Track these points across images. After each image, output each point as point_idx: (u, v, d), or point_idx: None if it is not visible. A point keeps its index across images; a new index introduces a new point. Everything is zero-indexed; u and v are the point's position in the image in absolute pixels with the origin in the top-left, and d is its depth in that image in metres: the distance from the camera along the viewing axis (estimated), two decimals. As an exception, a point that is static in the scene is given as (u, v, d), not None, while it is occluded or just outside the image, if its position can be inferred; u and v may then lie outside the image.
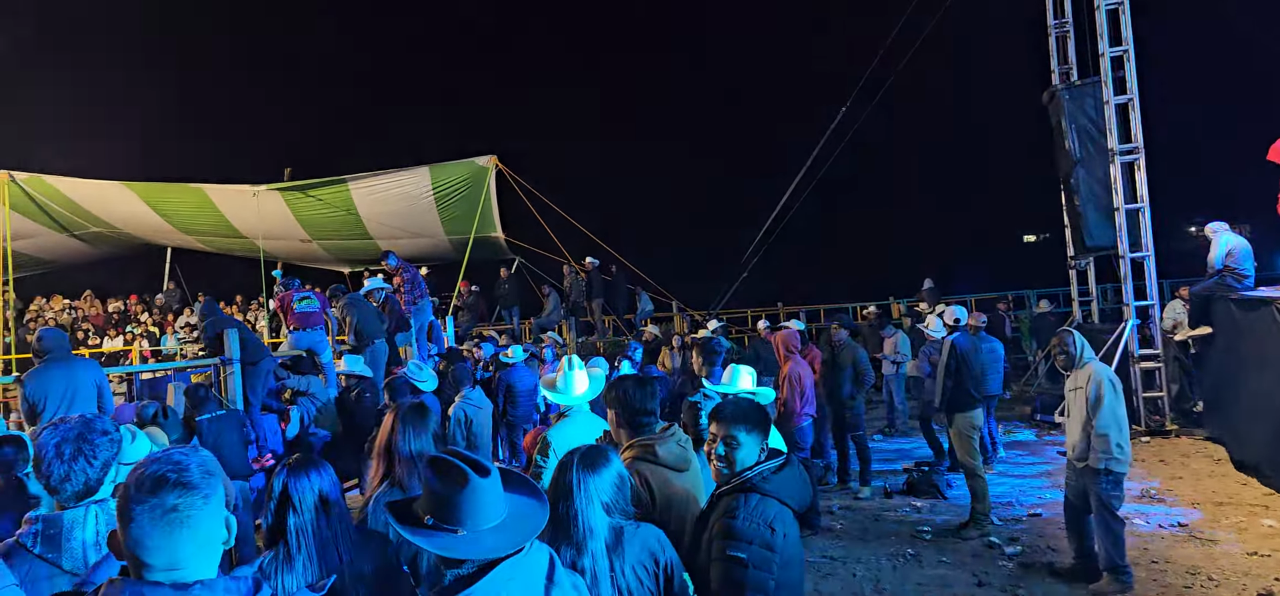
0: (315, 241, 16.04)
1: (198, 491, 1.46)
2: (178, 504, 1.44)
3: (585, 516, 2.39)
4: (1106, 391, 5.15)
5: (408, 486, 3.27)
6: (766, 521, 2.57)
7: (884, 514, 7.45)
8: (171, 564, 1.43)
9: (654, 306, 15.95)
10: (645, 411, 3.38)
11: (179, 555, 1.44)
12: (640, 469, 3.14)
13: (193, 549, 1.45)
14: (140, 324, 16.86)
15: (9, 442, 4.27)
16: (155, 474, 1.46)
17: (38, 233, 14.98)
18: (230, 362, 7.10)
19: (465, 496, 1.86)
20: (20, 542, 2.27)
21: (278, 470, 2.58)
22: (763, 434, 2.79)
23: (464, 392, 6.63)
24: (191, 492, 1.45)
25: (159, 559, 1.43)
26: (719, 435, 2.80)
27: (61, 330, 6.58)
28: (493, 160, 12.75)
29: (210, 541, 1.49)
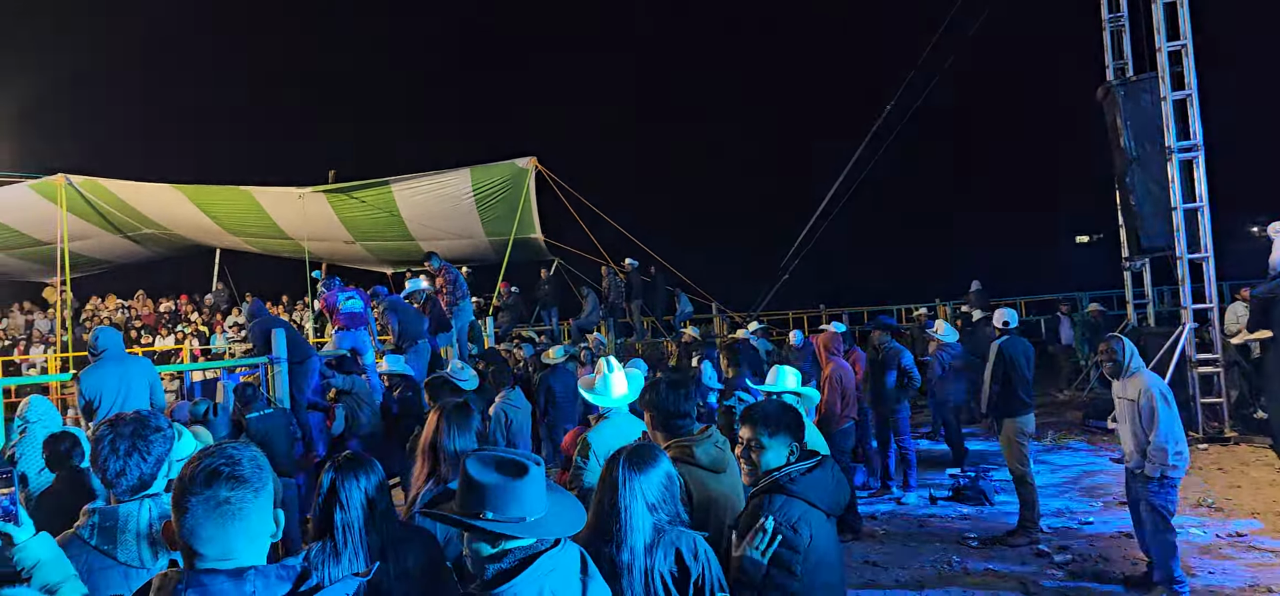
0: (359, 242, 16.26)
1: (249, 485, 1.53)
2: (230, 496, 1.50)
3: (630, 512, 2.40)
4: (1160, 405, 5.02)
5: (452, 484, 3.30)
6: (790, 522, 2.56)
7: (929, 520, 7.31)
8: (224, 554, 1.49)
9: (693, 308, 15.87)
10: (680, 413, 3.39)
11: (231, 545, 1.50)
12: (681, 470, 3.09)
13: (244, 540, 1.51)
14: (190, 323, 17.25)
15: (66, 439, 4.39)
16: (209, 467, 1.53)
17: (93, 234, 15.42)
18: (277, 361, 7.21)
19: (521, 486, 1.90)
20: (78, 534, 2.32)
21: (326, 467, 2.62)
22: (790, 435, 2.77)
23: (504, 393, 6.66)
24: (243, 486, 1.52)
25: (212, 549, 1.49)
26: (745, 438, 2.82)
27: (116, 329, 6.74)
28: (532, 162, 12.78)
29: (260, 533, 1.55)
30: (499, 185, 13.26)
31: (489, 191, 13.44)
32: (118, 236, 16.01)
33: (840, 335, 8.13)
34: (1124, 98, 11.00)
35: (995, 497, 7.66)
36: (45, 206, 13.52)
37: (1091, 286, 17.47)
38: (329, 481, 2.57)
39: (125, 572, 2.29)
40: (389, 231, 15.42)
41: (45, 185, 12.94)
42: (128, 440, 2.34)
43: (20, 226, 14.67)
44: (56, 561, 2.13)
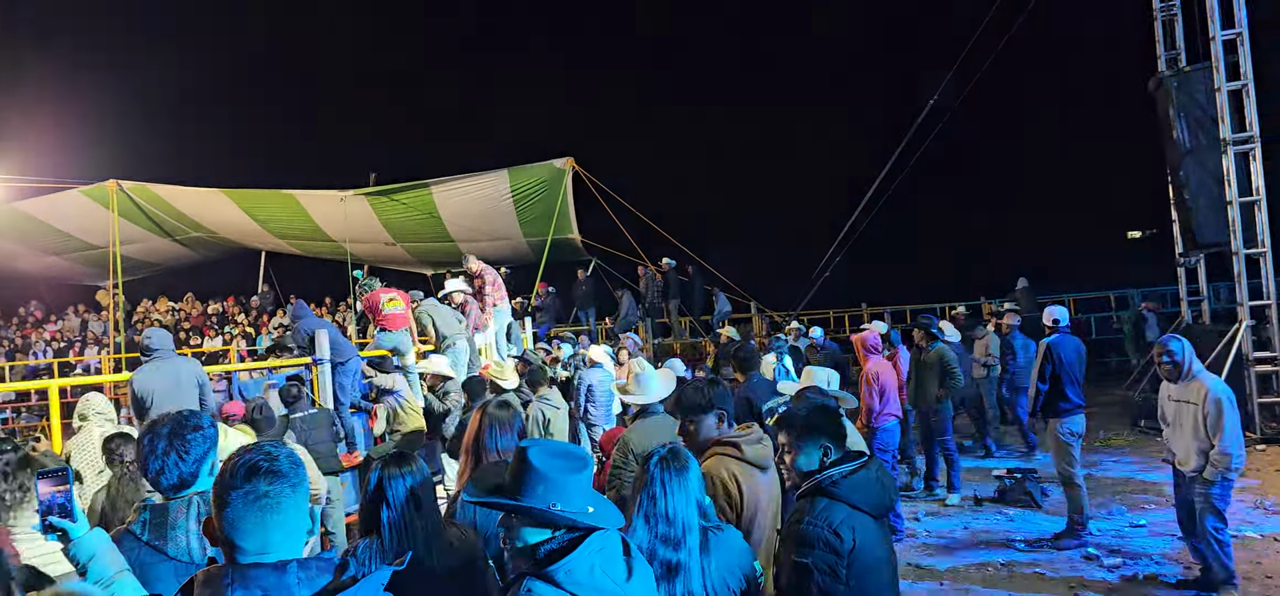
0: (399, 244, 16.47)
1: (286, 480, 1.58)
2: (268, 491, 1.55)
3: (683, 514, 2.44)
4: (1226, 410, 4.87)
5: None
6: (831, 526, 2.51)
7: (973, 522, 7.18)
8: (262, 547, 1.55)
9: (732, 307, 15.77)
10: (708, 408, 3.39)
11: (269, 539, 1.55)
12: (730, 467, 3.15)
13: (281, 534, 1.56)
14: (237, 325, 17.62)
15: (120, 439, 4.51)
16: (248, 463, 1.58)
17: (144, 238, 15.85)
18: (321, 362, 7.32)
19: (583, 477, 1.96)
20: (130, 530, 2.38)
21: (373, 464, 2.67)
22: (823, 437, 2.71)
23: (541, 393, 6.70)
24: (281, 481, 1.57)
25: (251, 542, 1.54)
26: (781, 442, 2.80)
27: (166, 330, 6.91)
28: (569, 162, 12.83)
29: (297, 528, 1.60)
30: (536, 186, 13.34)
31: (527, 192, 13.52)
32: (167, 240, 16.45)
33: (880, 334, 8.04)
34: (1177, 89, 10.68)
35: (1042, 499, 7.49)
36: (97, 212, 13.93)
37: (1144, 283, 17.01)
38: (376, 478, 2.62)
39: (175, 567, 2.34)
40: (428, 233, 15.60)
41: (97, 191, 13.33)
42: (165, 440, 2.39)
43: (74, 231, 15.14)
44: (110, 556, 2.18)
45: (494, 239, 15.53)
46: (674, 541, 2.40)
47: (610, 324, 16.21)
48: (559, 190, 13.17)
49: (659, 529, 2.41)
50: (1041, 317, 7.04)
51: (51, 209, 14.13)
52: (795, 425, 2.75)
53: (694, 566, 2.41)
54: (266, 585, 1.49)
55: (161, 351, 5.95)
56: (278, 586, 1.50)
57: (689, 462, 2.53)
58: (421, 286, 18.32)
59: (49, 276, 18.55)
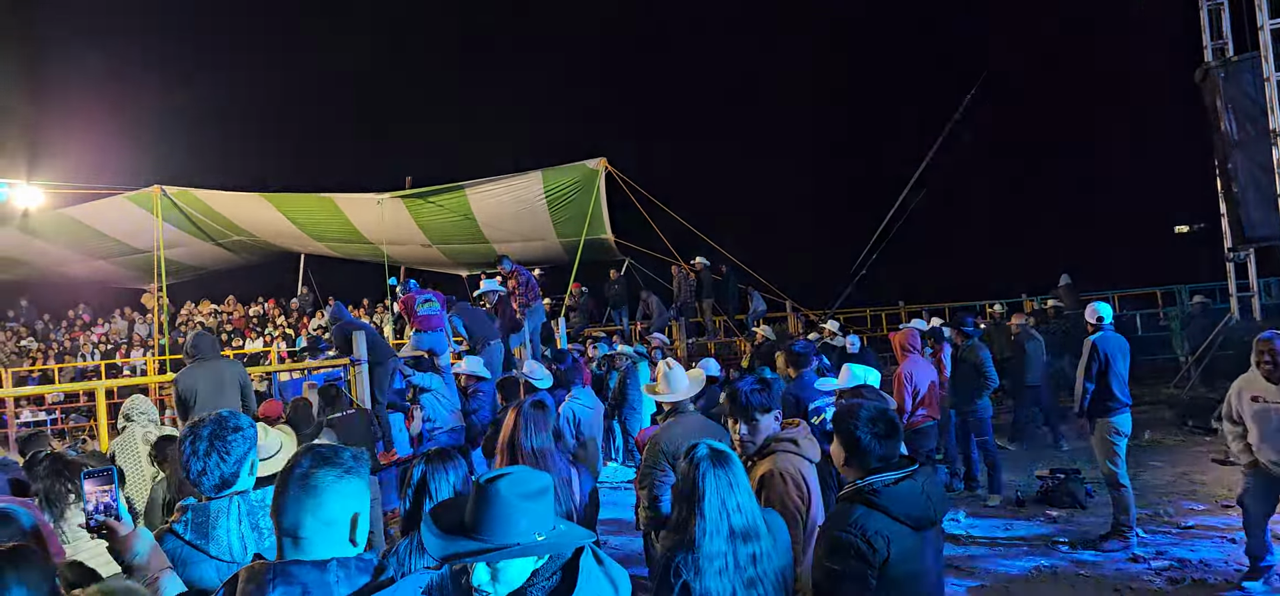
0: (435, 246, 16.62)
1: (340, 478, 1.62)
2: (321, 487, 1.60)
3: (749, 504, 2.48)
4: None
5: None
6: (865, 535, 2.47)
7: (1015, 523, 7.05)
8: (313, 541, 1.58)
9: (767, 306, 15.66)
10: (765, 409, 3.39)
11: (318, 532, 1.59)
12: (795, 462, 3.20)
13: (333, 529, 1.60)
14: (278, 326, 17.92)
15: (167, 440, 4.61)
16: (309, 460, 1.65)
17: (187, 241, 16.19)
18: (359, 363, 7.41)
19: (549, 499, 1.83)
20: (173, 529, 2.42)
21: (417, 462, 2.70)
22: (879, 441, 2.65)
23: (573, 392, 6.72)
24: (335, 479, 1.62)
25: (304, 534, 1.59)
26: (834, 441, 2.76)
27: (211, 332, 7.05)
28: (602, 163, 12.82)
29: (348, 523, 1.63)
30: (570, 187, 13.37)
31: (560, 193, 13.55)
32: (209, 244, 16.78)
33: (920, 333, 7.92)
34: (1224, 79, 10.41)
35: (1086, 500, 7.33)
36: (142, 216, 14.26)
37: (1192, 279, 16.56)
38: (419, 475, 2.65)
39: (217, 566, 2.37)
40: (464, 234, 15.72)
41: (142, 196, 13.64)
42: (206, 441, 2.42)
43: (120, 236, 15.51)
44: (154, 554, 2.22)
45: (528, 240, 15.60)
46: (754, 533, 2.44)
47: (643, 325, 16.20)
48: (592, 190, 13.18)
49: (737, 522, 2.43)
50: (1084, 314, 6.88)
51: (98, 214, 14.48)
52: (848, 425, 2.70)
53: (770, 552, 2.45)
54: (307, 581, 1.52)
55: (205, 353, 6.08)
56: (318, 583, 1.52)
57: (733, 456, 2.55)
58: (456, 287, 18.53)
59: (96, 280, 19.03)
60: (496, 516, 1.72)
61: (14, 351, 17.29)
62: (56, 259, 16.82)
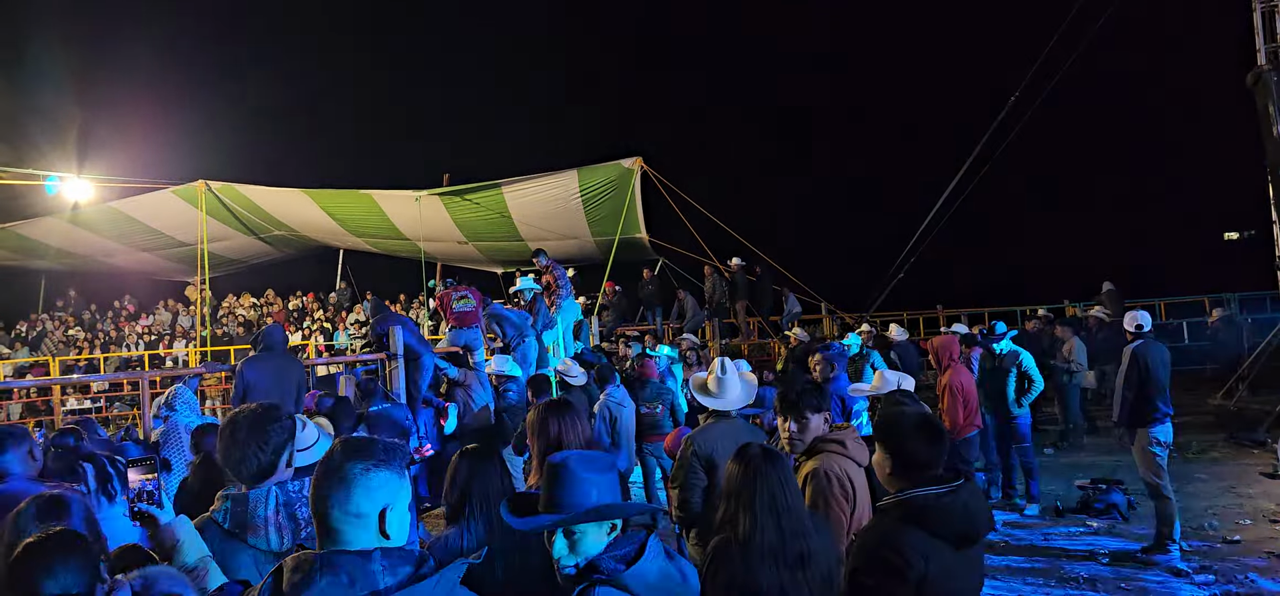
0: (471, 243, 16.76)
1: (378, 469, 1.64)
2: (360, 478, 1.62)
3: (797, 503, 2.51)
4: None
5: None
6: (901, 551, 2.37)
7: (1053, 533, 6.92)
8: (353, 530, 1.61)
9: (802, 308, 15.53)
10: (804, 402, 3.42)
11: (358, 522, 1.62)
12: (842, 463, 3.20)
13: (372, 520, 1.62)
14: (315, 320, 18.19)
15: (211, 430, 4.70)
16: (345, 451, 1.67)
17: (229, 235, 16.50)
18: (395, 358, 7.50)
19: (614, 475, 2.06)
20: (213, 518, 2.46)
21: (458, 457, 2.77)
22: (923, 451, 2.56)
23: (608, 390, 6.74)
24: (372, 470, 1.64)
25: (343, 525, 1.61)
26: (876, 450, 2.67)
27: (282, 328, 7.21)
28: (637, 162, 12.81)
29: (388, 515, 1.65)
30: (605, 185, 13.38)
31: (595, 192, 13.58)
32: (251, 238, 17.09)
33: (958, 339, 7.77)
34: (1277, 83, 10.11)
35: (1128, 511, 7.17)
36: (187, 210, 14.55)
37: (1243, 287, 16.09)
38: (463, 469, 2.71)
39: (255, 556, 2.41)
40: (499, 232, 15.82)
41: (187, 190, 13.91)
42: (245, 430, 2.47)
43: (165, 229, 15.86)
44: (194, 543, 2.26)
45: (562, 238, 15.66)
46: (802, 531, 2.45)
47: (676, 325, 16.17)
48: (627, 190, 13.19)
49: (785, 522, 2.44)
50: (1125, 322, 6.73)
51: (145, 207, 14.78)
52: (893, 433, 2.61)
53: (819, 550, 2.46)
54: (352, 571, 1.54)
55: (275, 347, 6.36)
56: (363, 574, 1.54)
57: (783, 456, 2.58)
58: (491, 284, 18.67)
59: (141, 272, 19.47)
60: (569, 489, 1.99)
61: (62, 340, 17.77)
62: (104, 251, 17.25)
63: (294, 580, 1.53)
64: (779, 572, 2.37)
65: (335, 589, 1.52)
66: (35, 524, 2.15)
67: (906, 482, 2.52)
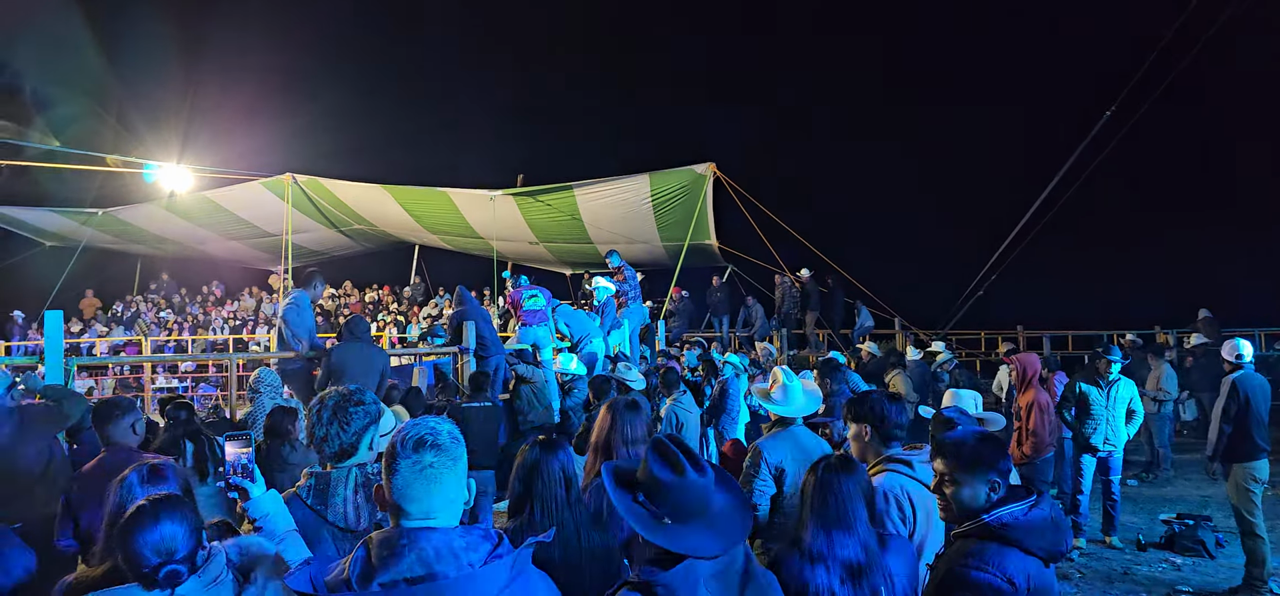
0: (541, 243, 16.98)
1: (448, 453, 1.71)
2: (433, 462, 1.67)
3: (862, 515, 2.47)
4: None
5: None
6: (1006, 575, 2.29)
7: (1134, 567, 6.62)
8: (426, 513, 1.67)
9: (874, 322, 15.24)
10: (899, 425, 3.37)
11: (432, 504, 1.68)
12: (903, 483, 3.14)
13: (442, 502, 1.69)
14: (390, 312, 18.69)
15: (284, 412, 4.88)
16: (416, 435, 1.70)
17: (311, 228, 17.10)
18: (466, 351, 7.65)
19: (676, 486, 1.96)
20: (298, 493, 2.56)
21: (529, 448, 2.80)
22: (991, 471, 2.48)
23: (675, 395, 6.71)
24: (443, 453, 1.69)
25: (416, 508, 1.67)
26: (939, 470, 2.58)
27: (365, 319, 7.47)
28: (710, 167, 12.76)
29: (456, 498, 1.72)
30: (677, 191, 13.39)
31: (667, 197, 13.60)
32: (332, 231, 17.67)
33: (1039, 358, 7.53)
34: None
35: (1215, 550, 6.81)
36: (274, 202, 15.14)
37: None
38: (530, 460, 2.76)
39: (333, 532, 2.50)
40: (569, 234, 15.99)
41: (275, 183, 14.47)
42: (330, 412, 2.57)
43: (253, 219, 16.53)
44: (282, 514, 2.37)
45: (631, 241, 15.73)
46: (859, 544, 2.42)
47: (744, 333, 16.07)
48: (699, 195, 13.16)
49: (838, 531, 2.43)
50: (1223, 351, 6.40)
51: (235, 197, 15.45)
52: (960, 455, 2.51)
53: (877, 567, 2.42)
54: (437, 547, 1.61)
55: (360, 335, 6.61)
56: (446, 550, 1.61)
57: (858, 466, 2.54)
58: (559, 285, 18.87)
59: (230, 259, 20.34)
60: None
61: (154, 321, 18.69)
62: (196, 238, 18.08)
63: (383, 554, 1.59)
64: (829, 579, 2.36)
65: (421, 564, 1.58)
66: (141, 488, 2.27)
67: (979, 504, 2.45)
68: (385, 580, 1.56)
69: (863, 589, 2.40)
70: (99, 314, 18.95)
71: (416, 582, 1.56)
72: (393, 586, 1.56)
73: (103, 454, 3.56)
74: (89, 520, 3.10)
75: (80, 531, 3.27)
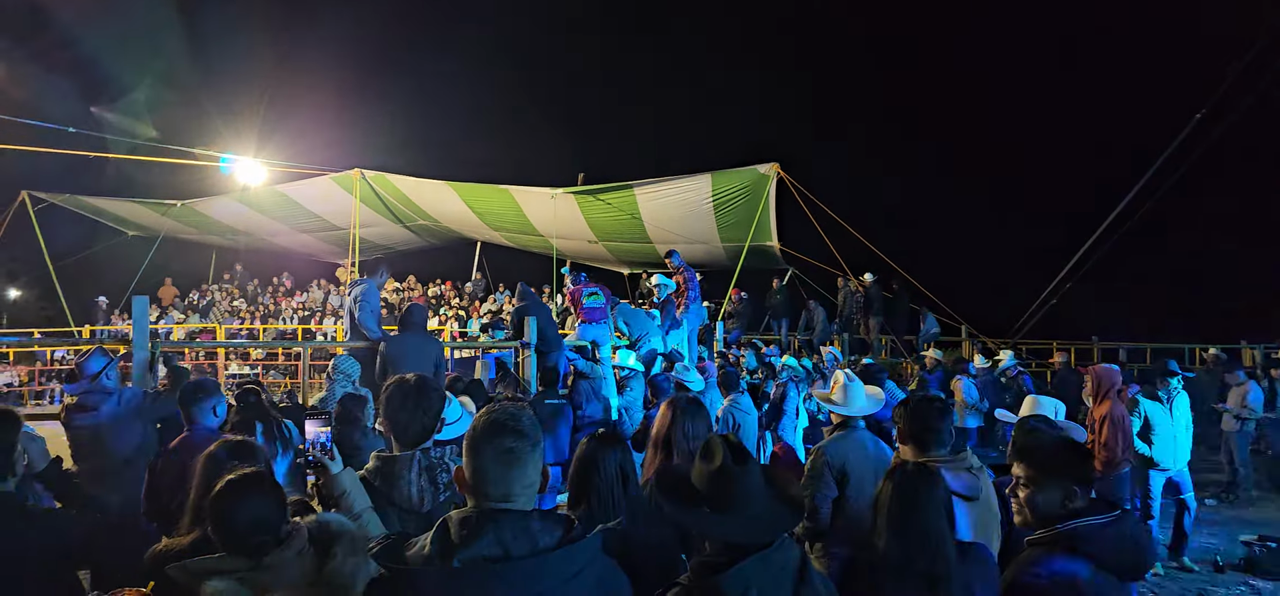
0: (601, 242, 17.06)
1: (527, 439, 1.76)
2: (514, 446, 1.72)
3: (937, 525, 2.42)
4: None
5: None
6: (1075, 587, 2.24)
7: (1209, 589, 6.36)
8: (505, 496, 1.72)
9: (940, 329, 14.88)
10: (932, 428, 3.29)
11: (511, 488, 1.73)
12: None
13: (521, 486, 1.73)
14: (452, 308, 19.01)
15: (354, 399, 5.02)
16: (499, 421, 1.77)
17: (378, 222, 17.49)
18: (528, 346, 7.74)
19: (715, 475, 2.00)
20: (366, 475, 2.63)
21: (586, 441, 2.86)
22: (1071, 478, 2.42)
23: (733, 396, 6.68)
24: (523, 439, 1.74)
25: (495, 490, 1.72)
26: (1017, 474, 2.53)
27: (423, 308, 7.63)
28: (774, 168, 12.62)
29: (533, 483, 1.77)
30: (739, 191, 13.28)
31: (728, 197, 13.50)
32: (397, 226, 18.05)
33: (1118, 370, 7.28)
34: None
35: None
36: (342, 196, 15.53)
37: None
38: (587, 454, 2.80)
39: (398, 513, 2.59)
40: (629, 233, 16.01)
41: (343, 178, 14.84)
42: (411, 397, 2.67)
43: (322, 212, 16.99)
44: (359, 492, 2.46)
45: (691, 242, 15.68)
46: (937, 554, 2.37)
47: (804, 336, 15.89)
48: (761, 196, 13.02)
49: (914, 540, 2.39)
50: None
51: (305, 191, 15.90)
52: (1038, 458, 2.46)
53: (956, 578, 2.37)
54: (515, 529, 1.65)
55: (417, 325, 6.73)
56: (523, 531, 1.65)
57: (938, 477, 2.50)
58: (617, 284, 18.94)
59: (300, 252, 20.96)
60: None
61: (227, 310, 19.37)
62: (268, 230, 18.67)
63: (462, 533, 1.65)
64: (906, 590, 2.32)
65: (499, 544, 1.63)
66: (227, 464, 2.38)
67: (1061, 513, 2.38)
68: (464, 557, 1.61)
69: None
70: (176, 301, 19.71)
71: (494, 562, 1.61)
72: (471, 564, 1.61)
73: (185, 434, 3.70)
74: (171, 497, 3.23)
75: (163, 508, 3.40)
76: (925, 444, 3.24)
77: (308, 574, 2.06)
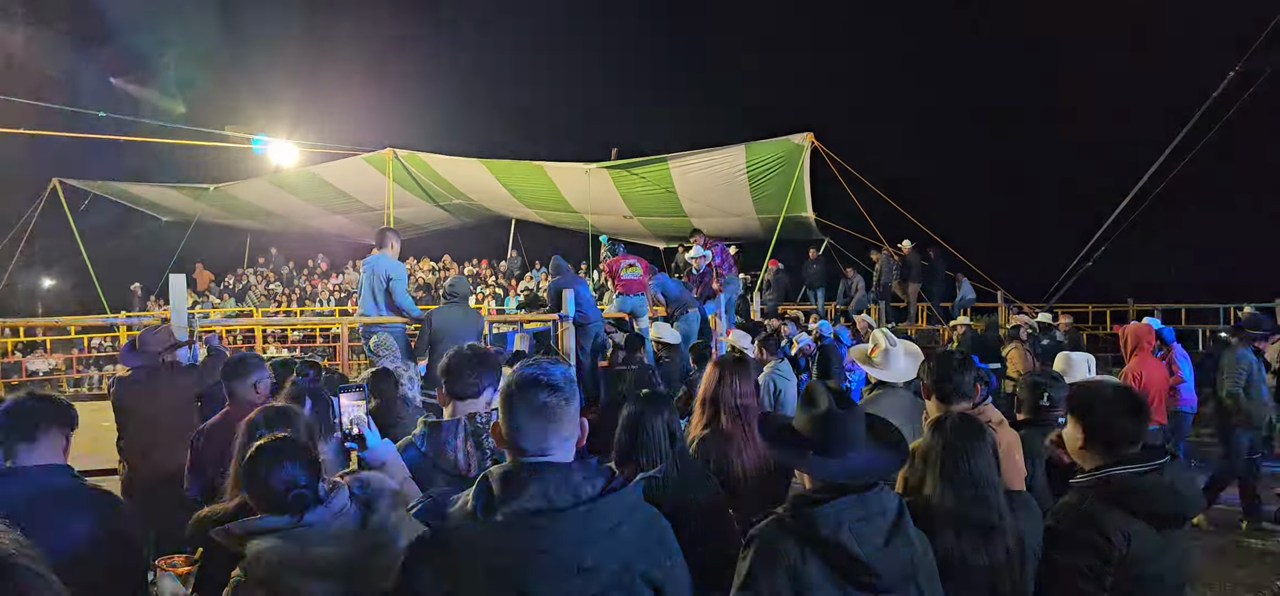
0: (636, 217, 16.99)
1: (561, 392, 1.78)
2: (547, 401, 1.75)
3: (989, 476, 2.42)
4: None
5: (731, 432, 3.51)
6: (1102, 530, 2.34)
7: (1247, 540, 6.23)
8: (542, 450, 1.73)
9: (976, 294, 14.68)
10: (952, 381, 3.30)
11: (547, 442, 1.74)
12: None
13: (557, 440, 1.76)
14: (488, 286, 19.12)
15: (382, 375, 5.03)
16: (531, 376, 1.77)
17: (412, 202, 17.59)
18: (566, 319, 7.75)
19: (819, 419, 2.08)
20: (414, 441, 2.65)
21: (630, 403, 2.92)
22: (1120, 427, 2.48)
23: (774, 364, 6.66)
24: (556, 393, 1.77)
25: (531, 444, 1.74)
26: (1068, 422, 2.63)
27: (466, 281, 7.74)
28: (808, 137, 12.43)
29: (569, 436, 1.79)
30: (773, 162, 13.12)
31: (763, 168, 13.35)
32: (431, 205, 18.15)
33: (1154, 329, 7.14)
34: None
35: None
36: (375, 177, 15.62)
37: None
38: (634, 413, 2.86)
39: (445, 476, 2.63)
40: (664, 207, 15.93)
41: (376, 158, 14.92)
42: (470, 364, 2.79)
43: (355, 193, 17.12)
44: (397, 463, 2.47)
45: (726, 214, 15.57)
46: (989, 504, 2.38)
47: (840, 305, 15.73)
48: (796, 166, 12.85)
49: (966, 490, 2.39)
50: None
51: (338, 172, 16.01)
52: (1087, 408, 2.54)
53: (1009, 527, 2.39)
54: (556, 481, 1.66)
55: (461, 296, 7.04)
56: (565, 483, 1.66)
57: (985, 427, 2.50)
58: (653, 258, 18.87)
59: (334, 233, 21.17)
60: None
61: (264, 293, 19.67)
62: (303, 212, 18.87)
63: (504, 487, 1.66)
64: (958, 540, 2.34)
65: (543, 497, 1.63)
66: (264, 429, 2.40)
67: (1104, 460, 2.47)
68: (508, 511, 1.62)
69: (996, 550, 2.35)
70: (212, 286, 20.04)
71: (538, 514, 1.62)
72: (515, 516, 1.61)
73: (227, 408, 3.73)
74: (214, 470, 3.26)
75: (207, 481, 3.44)
76: (947, 395, 3.25)
77: (350, 529, 2.07)
